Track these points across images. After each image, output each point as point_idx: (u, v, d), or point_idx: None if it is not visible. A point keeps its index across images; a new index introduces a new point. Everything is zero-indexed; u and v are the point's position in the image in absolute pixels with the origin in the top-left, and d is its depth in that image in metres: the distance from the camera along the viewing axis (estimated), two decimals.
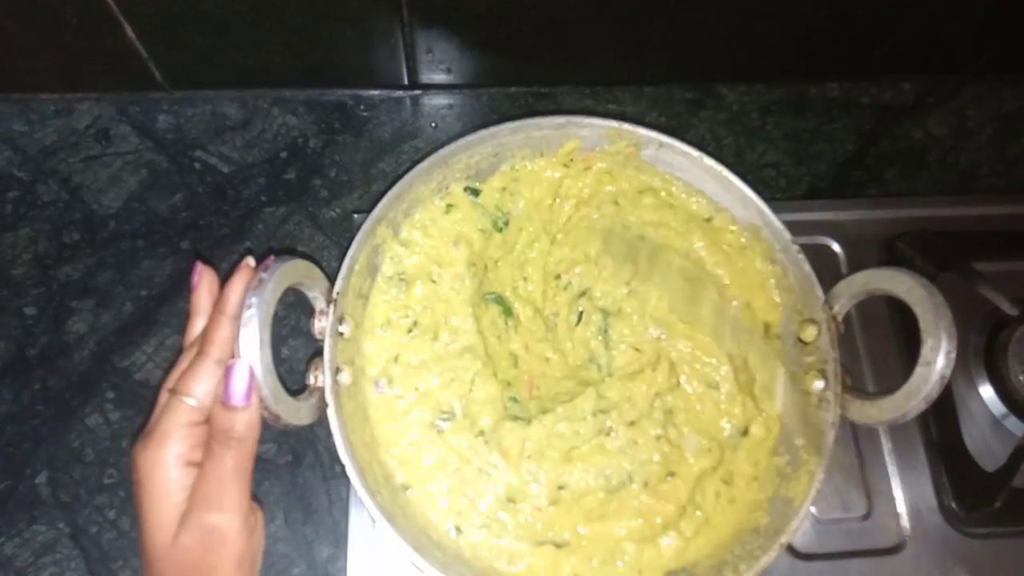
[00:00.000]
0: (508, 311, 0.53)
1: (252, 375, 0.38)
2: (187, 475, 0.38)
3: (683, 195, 0.55)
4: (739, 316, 0.53)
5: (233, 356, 0.38)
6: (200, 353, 0.39)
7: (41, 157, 0.65)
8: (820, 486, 0.45)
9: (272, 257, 0.41)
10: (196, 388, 0.38)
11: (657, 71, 0.70)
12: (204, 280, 0.43)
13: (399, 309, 0.51)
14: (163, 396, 0.40)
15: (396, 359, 0.49)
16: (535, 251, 0.55)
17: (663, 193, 0.55)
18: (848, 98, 0.73)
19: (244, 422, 0.38)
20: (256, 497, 0.40)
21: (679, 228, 0.55)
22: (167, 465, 0.37)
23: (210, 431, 0.38)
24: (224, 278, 0.42)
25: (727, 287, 0.54)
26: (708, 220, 0.54)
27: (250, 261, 0.42)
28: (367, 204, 0.63)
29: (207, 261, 0.43)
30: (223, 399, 0.38)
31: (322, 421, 0.43)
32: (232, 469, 0.37)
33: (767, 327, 0.52)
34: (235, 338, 0.38)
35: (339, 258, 0.46)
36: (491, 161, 0.53)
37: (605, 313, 0.54)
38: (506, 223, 0.54)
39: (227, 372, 0.38)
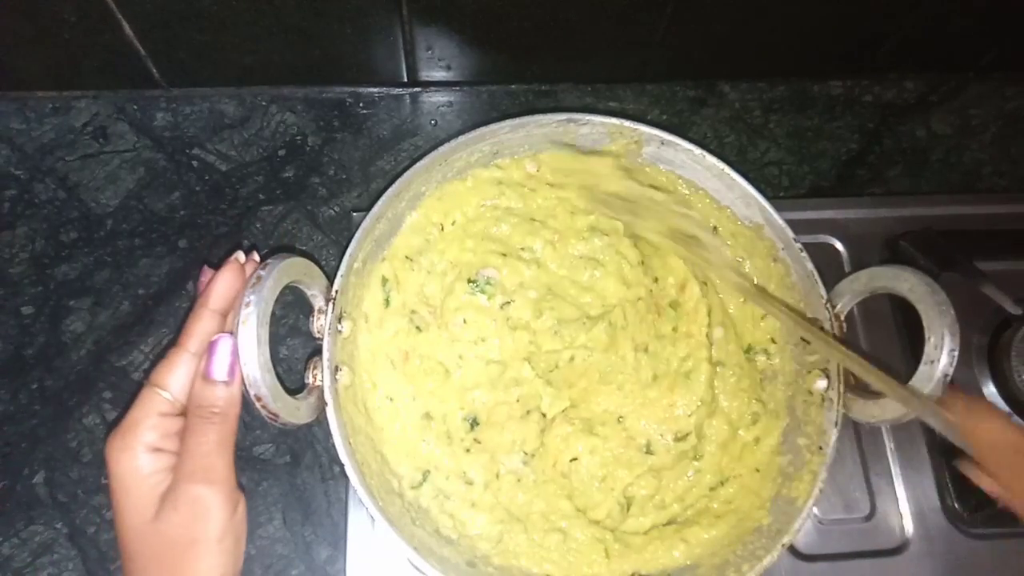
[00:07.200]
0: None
1: (235, 351, 0.37)
2: (158, 459, 0.37)
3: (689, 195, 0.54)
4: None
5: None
6: (176, 344, 0.39)
7: (38, 155, 0.64)
8: (823, 486, 0.45)
9: (239, 254, 0.40)
10: (170, 380, 0.38)
11: (658, 69, 0.70)
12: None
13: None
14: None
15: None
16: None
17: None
18: (851, 96, 0.72)
19: (225, 397, 0.37)
20: (241, 486, 0.39)
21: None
22: (136, 452, 0.37)
23: (189, 407, 0.38)
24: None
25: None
26: (713, 231, 0.54)
27: (240, 256, 0.41)
28: (366, 202, 0.63)
29: (205, 260, 0.43)
30: (204, 373, 0.37)
31: (321, 422, 0.43)
32: (216, 443, 0.37)
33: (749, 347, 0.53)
34: (214, 332, 0.38)
35: (338, 257, 0.46)
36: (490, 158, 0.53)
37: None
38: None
39: (210, 347, 0.38)
